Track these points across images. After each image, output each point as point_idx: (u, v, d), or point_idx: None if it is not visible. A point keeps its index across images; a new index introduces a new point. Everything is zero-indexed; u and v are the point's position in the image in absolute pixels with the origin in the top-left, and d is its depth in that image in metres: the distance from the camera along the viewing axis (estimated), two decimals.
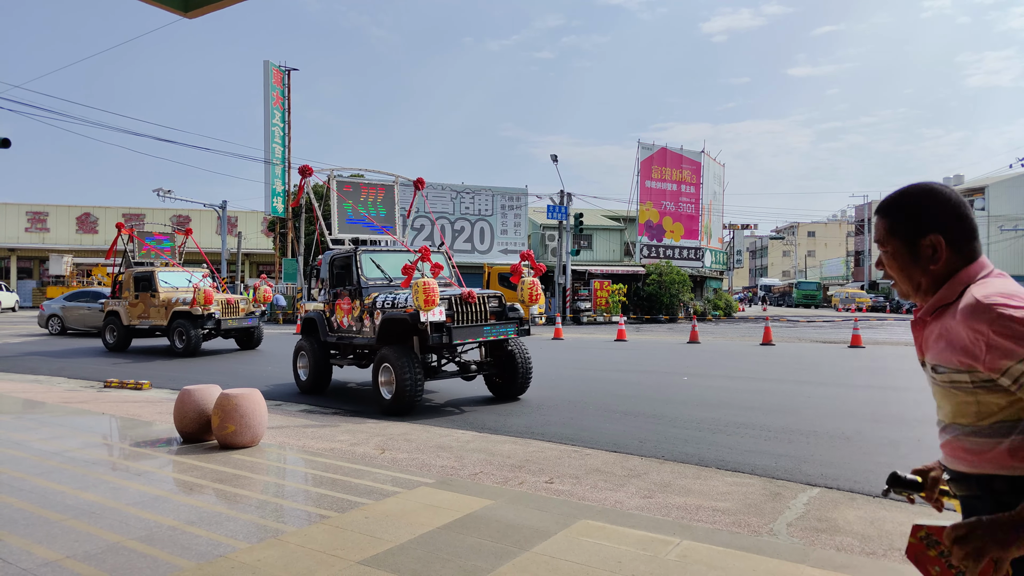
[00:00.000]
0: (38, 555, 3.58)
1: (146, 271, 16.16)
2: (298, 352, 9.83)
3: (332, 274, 9.37)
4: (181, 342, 14.82)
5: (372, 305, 8.49)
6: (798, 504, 4.56)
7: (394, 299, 8.25)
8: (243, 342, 16.33)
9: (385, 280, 8.97)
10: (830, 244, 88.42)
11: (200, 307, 14.45)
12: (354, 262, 8.90)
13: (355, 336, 8.92)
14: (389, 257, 9.42)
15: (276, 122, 34.67)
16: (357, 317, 8.80)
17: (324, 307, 9.56)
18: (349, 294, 8.94)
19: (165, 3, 4.79)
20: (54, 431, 6.84)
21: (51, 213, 41.66)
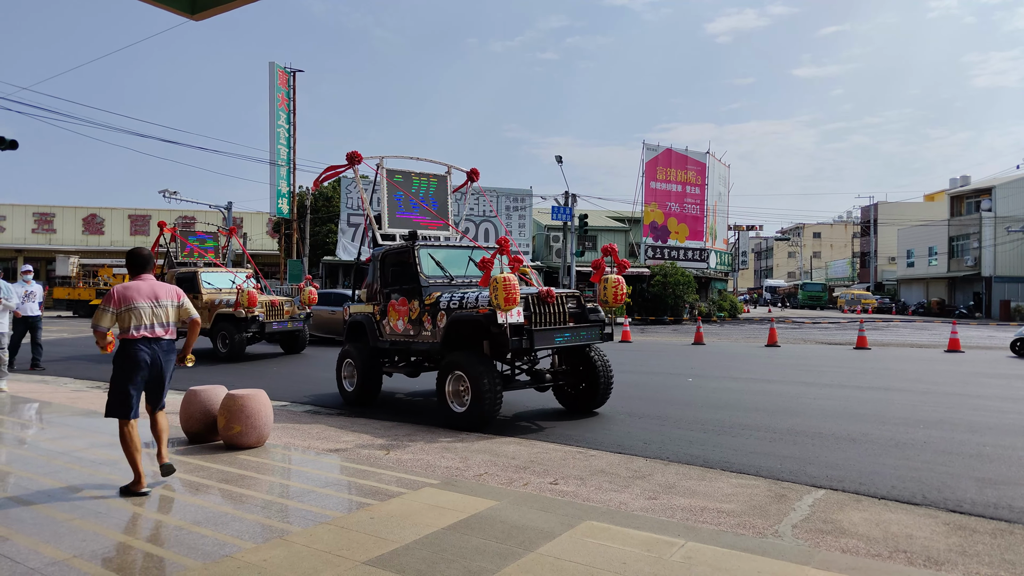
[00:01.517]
0: (45, 554, 3.60)
1: (189, 272, 15.30)
2: (343, 360, 8.90)
3: (383, 272, 8.48)
4: (224, 346, 14.20)
5: (435, 306, 7.59)
6: (803, 506, 4.55)
7: (462, 298, 7.33)
8: (287, 345, 15.64)
9: (446, 278, 8.02)
10: (835, 245, 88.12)
11: (244, 309, 13.75)
12: (412, 259, 7.96)
13: (412, 341, 7.97)
14: (450, 253, 8.44)
15: (281, 123, 34.79)
16: (415, 319, 7.86)
17: (373, 309, 8.61)
18: (405, 294, 8.01)
19: (172, 5, 4.82)
20: (61, 431, 6.87)
21: (58, 214, 41.87)
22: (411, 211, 9.27)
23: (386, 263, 8.49)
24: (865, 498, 4.77)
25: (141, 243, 42.15)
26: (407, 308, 8.00)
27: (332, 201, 46.43)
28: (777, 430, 7.01)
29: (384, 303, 8.38)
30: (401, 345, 8.21)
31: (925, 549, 3.80)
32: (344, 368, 8.93)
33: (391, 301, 8.26)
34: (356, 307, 9.09)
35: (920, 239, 49.85)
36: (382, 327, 8.43)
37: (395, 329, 8.21)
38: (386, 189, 8.91)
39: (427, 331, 7.71)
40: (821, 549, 3.76)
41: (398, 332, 8.18)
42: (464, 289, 7.87)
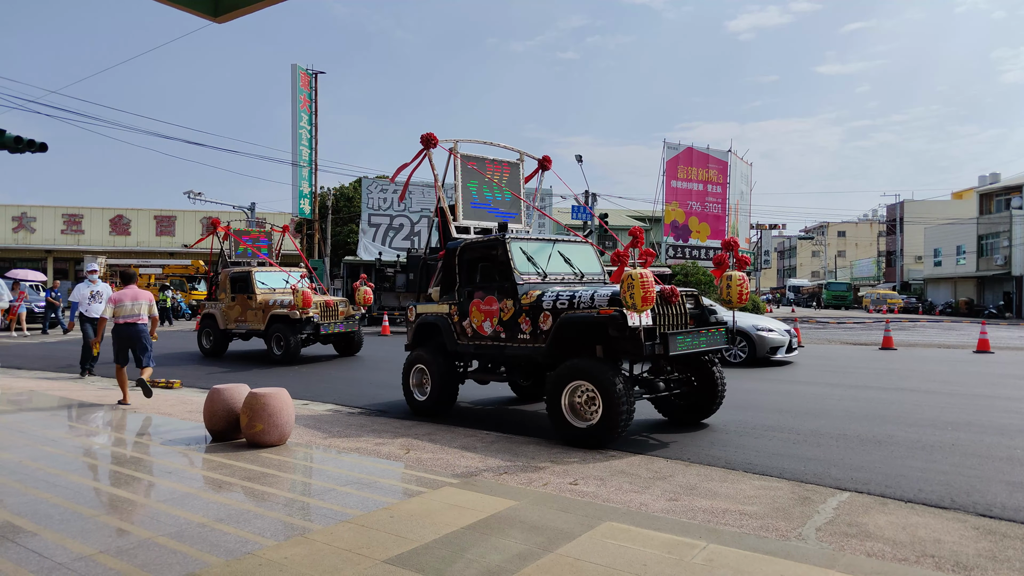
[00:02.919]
0: (72, 550, 3.66)
1: (243, 271, 14.80)
2: (412, 366, 8.07)
3: (463, 269, 7.69)
4: (279, 348, 13.57)
5: (535, 305, 6.80)
6: (827, 508, 4.48)
7: (572, 297, 6.56)
8: (342, 347, 14.94)
9: (538, 275, 7.26)
10: (861, 244, 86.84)
11: (299, 310, 13.19)
12: (504, 253, 7.19)
13: (504, 345, 7.14)
14: (539, 247, 7.62)
15: (303, 125, 35.10)
16: (507, 321, 7.06)
17: (450, 310, 7.79)
18: (494, 293, 7.22)
19: (196, 8, 4.88)
20: (88, 428, 6.99)
21: (86, 215, 42.65)
22: (486, 201, 8.50)
23: (466, 258, 7.70)
24: (891, 501, 4.68)
25: (166, 243, 42.84)
26: (496, 308, 7.20)
27: (353, 201, 46.76)
28: (800, 431, 6.92)
29: (465, 303, 7.56)
30: (489, 350, 7.37)
31: (954, 554, 3.72)
32: (413, 375, 8.10)
33: (474, 300, 7.45)
34: (426, 307, 8.20)
35: (948, 238, 48.93)
36: (462, 329, 7.62)
37: (480, 331, 7.39)
38: (460, 176, 8.14)
39: (525, 334, 6.92)
40: (846, 552, 3.70)
41: (484, 335, 7.34)
42: (560, 287, 7.13)
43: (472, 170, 8.28)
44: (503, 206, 8.69)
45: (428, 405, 7.90)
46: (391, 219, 35.88)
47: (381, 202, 35.99)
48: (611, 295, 6.24)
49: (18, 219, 41.81)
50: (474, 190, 8.33)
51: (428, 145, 7.88)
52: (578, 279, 7.59)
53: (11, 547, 3.70)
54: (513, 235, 7.47)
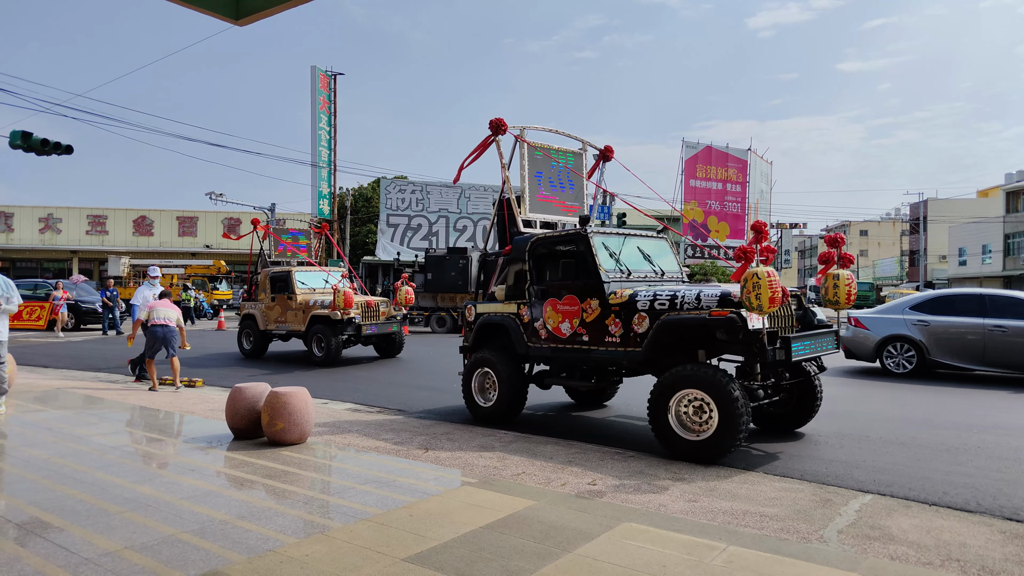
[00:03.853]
0: (99, 545, 3.73)
1: (283, 271, 14.46)
2: (475, 369, 7.53)
3: (536, 265, 7.19)
4: (320, 350, 13.20)
5: (628, 305, 6.29)
6: (849, 511, 4.43)
7: (672, 296, 6.05)
8: (383, 349, 14.51)
9: (621, 273, 6.74)
10: (883, 243, 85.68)
11: (339, 311, 12.81)
12: (588, 249, 6.67)
13: (588, 348, 6.63)
14: (624, 242, 7.08)
15: (323, 126, 35.39)
16: (592, 322, 6.56)
17: (518, 310, 7.26)
18: (574, 291, 6.71)
19: (218, 12, 4.94)
20: (113, 426, 7.11)
21: (110, 216, 43.35)
22: (552, 193, 7.92)
23: (539, 254, 7.20)
24: (915, 504, 4.62)
25: (188, 243, 43.40)
26: (577, 308, 6.67)
27: (371, 202, 47.05)
28: (822, 433, 6.85)
29: (538, 302, 7.05)
30: (567, 353, 6.82)
31: (979, 558, 3.66)
32: (477, 379, 7.57)
33: (550, 300, 6.93)
34: (488, 307, 7.66)
35: (973, 236, 48.12)
36: (534, 331, 7.10)
37: (557, 333, 6.86)
38: (528, 166, 7.60)
39: (614, 336, 6.39)
40: (869, 556, 3.65)
41: (561, 337, 6.82)
42: (648, 285, 6.66)
43: (539, 160, 7.73)
44: (568, 199, 8.15)
45: (494, 411, 7.35)
46: (409, 219, 36.05)
47: (399, 202, 36.18)
48: (720, 295, 5.80)
49: (44, 220, 42.62)
50: (540, 181, 7.78)
51: (497, 131, 7.40)
52: (659, 277, 7.11)
53: (40, 542, 3.77)
54: (595, 229, 6.91)
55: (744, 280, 5.31)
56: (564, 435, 6.79)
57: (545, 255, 7.23)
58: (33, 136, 14.63)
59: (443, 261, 24.79)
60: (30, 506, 4.40)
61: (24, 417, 7.57)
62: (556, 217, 7.99)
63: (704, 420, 5.61)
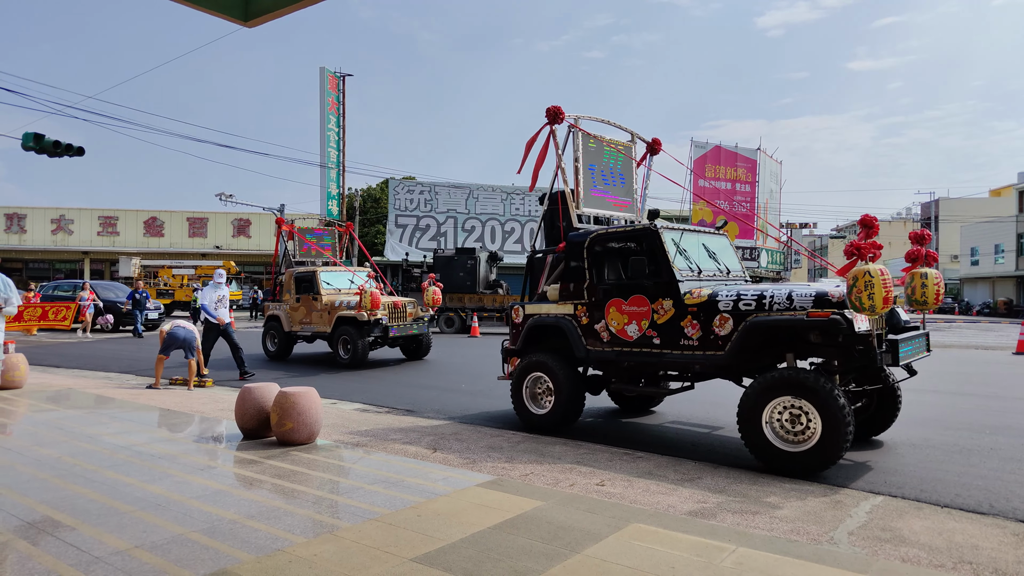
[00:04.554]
0: (109, 544, 3.75)
1: (308, 271, 14.16)
2: (527, 374, 7.13)
3: (595, 263, 6.82)
4: (346, 352, 12.93)
5: (707, 306, 5.93)
6: (860, 512, 4.40)
7: (760, 296, 5.68)
8: (410, 351, 14.23)
9: (691, 271, 6.44)
10: (894, 243, 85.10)
11: (366, 312, 12.52)
12: (660, 246, 6.30)
13: (662, 352, 6.25)
14: (691, 239, 6.81)
15: (331, 127, 35.51)
16: (664, 324, 6.20)
17: (576, 310, 6.88)
18: (644, 291, 6.32)
19: (227, 14, 4.96)
20: (123, 426, 7.15)
21: (120, 217, 43.65)
22: (605, 187, 7.53)
23: (600, 251, 6.82)
24: (927, 506, 4.58)
25: (199, 244, 43.62)
26: (647, 309, 6.29)
27: (380, 202, 47.17)
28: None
29: (600, 302, 6.68)
30: (635, 357, 6.45)
31: (992, 561, 3.62)
32: (529, 384, 7.16)
33: (613, 300, 6.56)
34: (539, 307, 7.25)
35: (985, 236, 47.73)
36: (594, 333, 6.72)
37: (621, 336, 6.49)
38: (582, 157, 7.22)
39: (690, 339, 6.05)
40: (880, 558, 3.62)
41: (627, 339, 6.46)
42: (722, 284, 6.40)
43: (592, 151, 7.33)
44: (620, 193, 7.76)
45: (549, 419, 6.94)
46: (418, 220, 36.12)
47: (408, 203, 36.25)
48: (816, 295, 5.46)
49: (56, 221, 42.96)
50: (593, 174, 7.36)
51: (554, 120, 7.06)
52: (724, 276, 6.85)
53: (51, 541, 3.80)
54: (665, 225, 6.57)
55: (853, 278, 4.89)
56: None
57: (606, 252, 6.83)
58: (45, 138, 14.75)
59: (451, 261, 24.83)
60: (41, 505, 4.43)
61: (36, 416, 7.64)
62: (608, 212, 7.60)
63: (801, 429, 5.25)
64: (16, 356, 9.82)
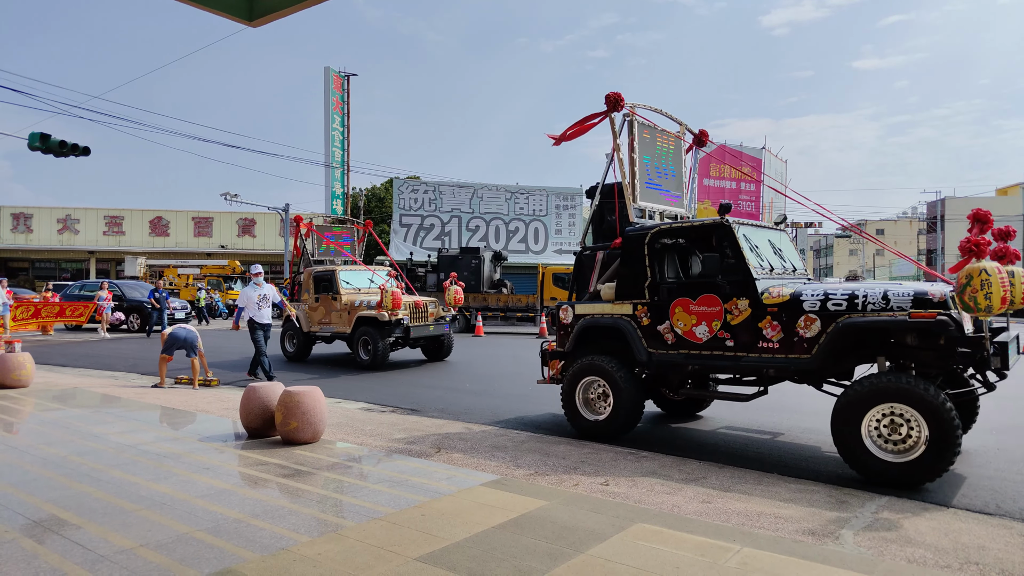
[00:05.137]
0: (114, 543, 3.76)
1: (327, 270, 13.79)
2: (581, 378, 6.68)
3: (656, 260, 6.42)
4: (367, 353, 12.55)
5: (789, 305, 5.56)
6: (865, 512, 4.38)
7: (851, 296, 5.33)
8: (431, 352, 13.83)
9: (763, 269, 6.05)
10: (900, 242, 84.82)
11: (387, 312, 12.18)
12: (734, 242, 5.94)
13: (737, 355, 5.86)
14: (761, 235, 6.44)
15: (336, 126, 35.58)
16: (740, 325, 5.81)
17: (637, 311, 6.43)
18: (715, 290, 5.94)
19: (231, 13, 4.97)
20: (129, 425, 7.17)
21: (126, 217, 43.81)
22: (659, 180, 7.16)
23: (662, 247, 6.47)
24: (932, 506, 4.56)
25: (204, 244, 43.73)
26: (719, 309, 5.91)
27: (384, 202, 47.23)
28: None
29: (664, 301, 6.26)
30: (706, 360, 6.05)
31: (999, 561, 3.61)
32: (582, 389, 6.74)
33: (679, 299, 6.16)
34: (591, 307, 6.82)
35: None
36: (656, 334, 6.31)
37: (689, 337, 6.11)
38: (638, 148, 6.81)
39: (771, 341, 5.67)
40: (885, 558, 3.61)
41: (696, 342, 6.07)
42: (799, 282, 6.08)
43: (647, 142, 6.94)
44: (671, 186, 7.40)
45: (606, 426, 6.53)
46: (422, 219, 36.15)
47: (412, 202, 36.28)
48: (915, 294, 5.16)
49: (63, 221, 43.15)
50: (648, 166, 6.97)
51: (614, 107, 6.66)
52: (791, 273, 6.51)
53: (58, 540, 3.81)
54: (737, 219, 6.21)
55: (967, 276, 4.54)
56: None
57: (670, 249, 6.49)
58: (51, 138, 14.81)
59: (456, 261, 24.84)
60: (47, 503, 4.45)
61: (42, 415, 7.67)
62: (661, 207, 7.18)
63: (903, 438, 4.93)
64: (22, 355, 9.86)
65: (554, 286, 24.27)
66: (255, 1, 5.03)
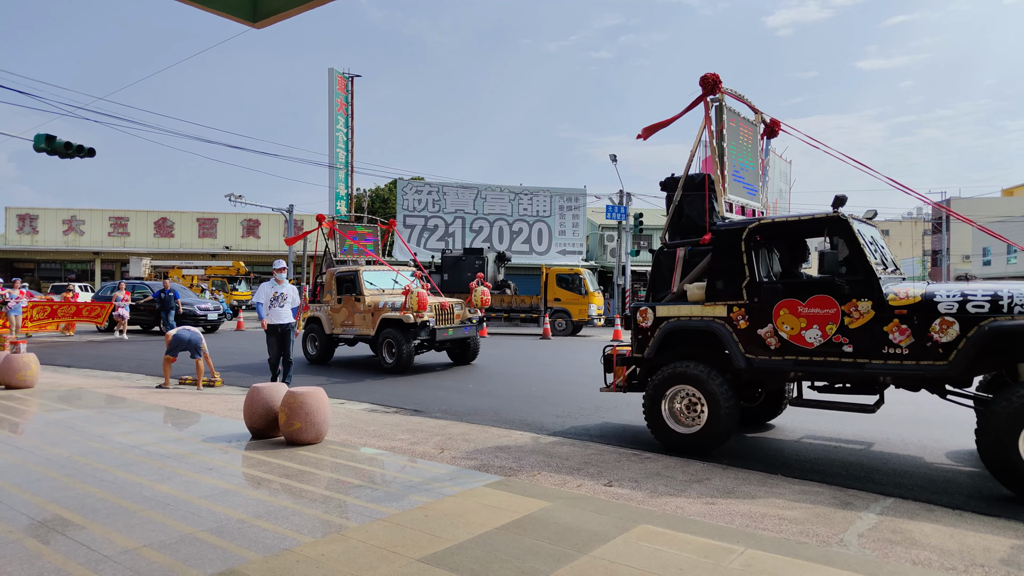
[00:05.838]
0: (118, 543, 3.77)
1: (350, 271, 13.41)
2: (668, 387, 6.16)
3: (754, 258, 5.96)
4: (391, 356, 12.13)
5: (922, 307, 5.14)
6: (870, 514, 4.36)
7: (996, 297, 4.95)
8: (457, 355, 13.44)
9: (880, 267, 5.62)
10: (905, 243, 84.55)
11: (412, 314, 11.82)
12: (852, 238, 5.53)
13: (857, 361, 5.40)
14: (870, 230, 6.05)
15: (340, 128, 35.62)
16: (860, 328, 5.35)
17: (732, 312, 5.95)
18: (830, 290, 5.48)
19: (235, 15, 4.98)
20: (133, 425, 7.19)
21: (131, 218, 43.92)
22: (742, 172, 6.76)
23: (762, 243, 6.04)
24: (938, 508, 4.54)
25: (208, 245, 43.83)
26: (835, 311, 5.44)
27: (388, 203, 47.29)
28: (842, 436, 6.76)
29: (767, 302, 5.78)
30: (819, 367, 5.57)
31: (1004, 563, 3.59)
32: (670, 399, 6.21)
33: (785, 300, 5.68)
34: (676, 308, 6.31)
35: None
36: (757, 339, 5.82)
37: (797, 342, 5.62)
38: (727, 136, 6.36)
39: (899, 347, 5.23)
40: (890, 560, 3.59)
41: (805, 346, 5.59)
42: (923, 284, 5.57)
43: (732, 130, 6.51)
44: (750, 178, 6.97)
45: (699, 439, 5.98)
46: (426, 220, 36.17)
47: (416, 203, 36.31)
48: None
49: (68, 222, 43.29)
50: (734, 157, 6.52)
51: (712, 89, 6.22)
52: (893, 271, 6.04)
53: (61, 540, 3.82)
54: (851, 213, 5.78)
55: None
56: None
57: (771, 245, 6.12)
58: (57, 139, 14.86)
59: (459, 262, 24.84)
60: (51, 504, 4.46)
61: (47, 416, 7.69)
62: (744, 200, 6.77)
63: None
64: (28, 356, 9.90)
65: (557, 287, 24.25)
66: (259, 3, 5.04)
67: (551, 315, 23.79)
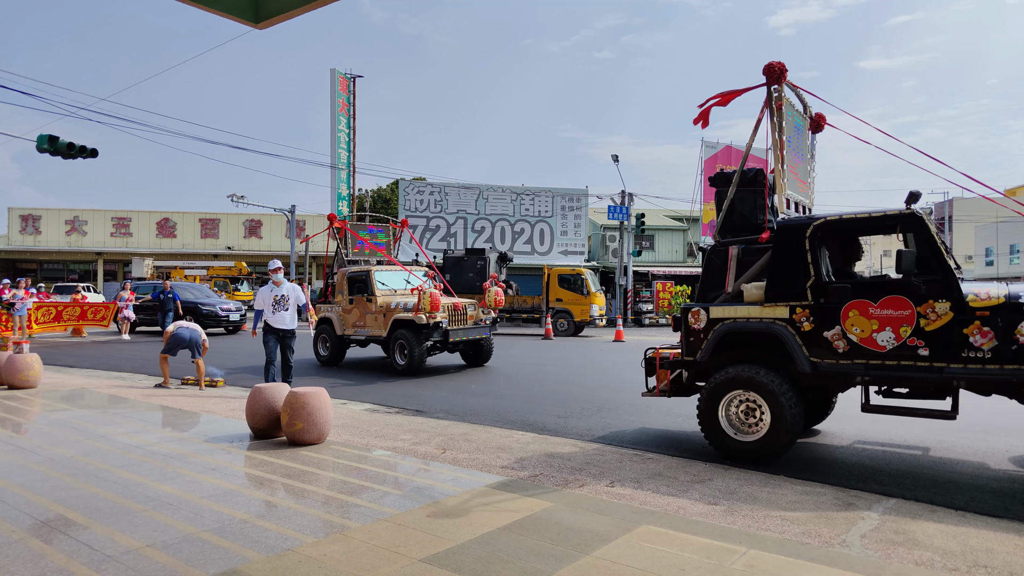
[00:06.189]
0: (120, 543, 3.77)
1: (361, 271, 13.20)
2: (723, 394, 5.86)
3: (818, 257, 5.64)
4: (403, 358, 11.92)
5: (1006, 309, 4.93)
6: (873, 515, 4.36)
7: None
8: (470, 357, 13.29)
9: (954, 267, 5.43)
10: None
11: (424, 315, 11.60)
12: (928, 236, 5.28)
13: (933, 365, 5.13)
14: None
15: (342, 128, 35.64)
16: (937, 331, 5.10)
17: (793, 313, 5.63)
18: (904, 290, 5.21)
19: (237, 15, 4.99)
20: (136, 425, 7.20)
21: (133, 219, 43.98)
22: (795, 165, 6.48)
23: (828, 241, 5.80)
24: (940, 509, 4.53)
25: (211, 245, 43.88)
26: (910, 312, 5.17)
27: (390, 203, 47.31)
28: (844, 436, 6.75)
29: (835, 303, 5.46)
30: (894, 371, 5.29)
31: (1007, 564, 3.58)
32: (727, 404, 5.90)
33: (855, 301, 5.38)
34: (732, 309, 5.99)
35: (1001, 236, 47.25)
36: (823, 341, 5.51)
37: (868, 345, 5.33)
38: (786, 129, 6.08)
39: (980, 350, 4.98)
40: (893, 561, 3.59)
41: (877, 350, 5.30)
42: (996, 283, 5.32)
43: (788, 123, 6.29)
44: (801, 174, 6.76)
45: (761, 447, 5.68)
46: (428, 220, 36.18)
47: (418, 203, 36.33)
48: None
49: (71, 223, 43.37)
50: (790, 151, 6.27)
51: (778, 79, 5.95)
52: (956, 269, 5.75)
53: (64, 540, 3.83)
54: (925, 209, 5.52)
55: None
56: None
57: (836, 243, 5.88)
58: (59, 140, 14.89)
59: (461, 262, 24.85)
60: (55, 503, 4.46)
61: (50, 416, 7.70)
62: (797, 196, 6.51)
63: None
64: (30, 356, 9.92)
65: (559, 287, 24.25)
66: (261, 3, 5.04)
67: (553, 315, 23.79)
